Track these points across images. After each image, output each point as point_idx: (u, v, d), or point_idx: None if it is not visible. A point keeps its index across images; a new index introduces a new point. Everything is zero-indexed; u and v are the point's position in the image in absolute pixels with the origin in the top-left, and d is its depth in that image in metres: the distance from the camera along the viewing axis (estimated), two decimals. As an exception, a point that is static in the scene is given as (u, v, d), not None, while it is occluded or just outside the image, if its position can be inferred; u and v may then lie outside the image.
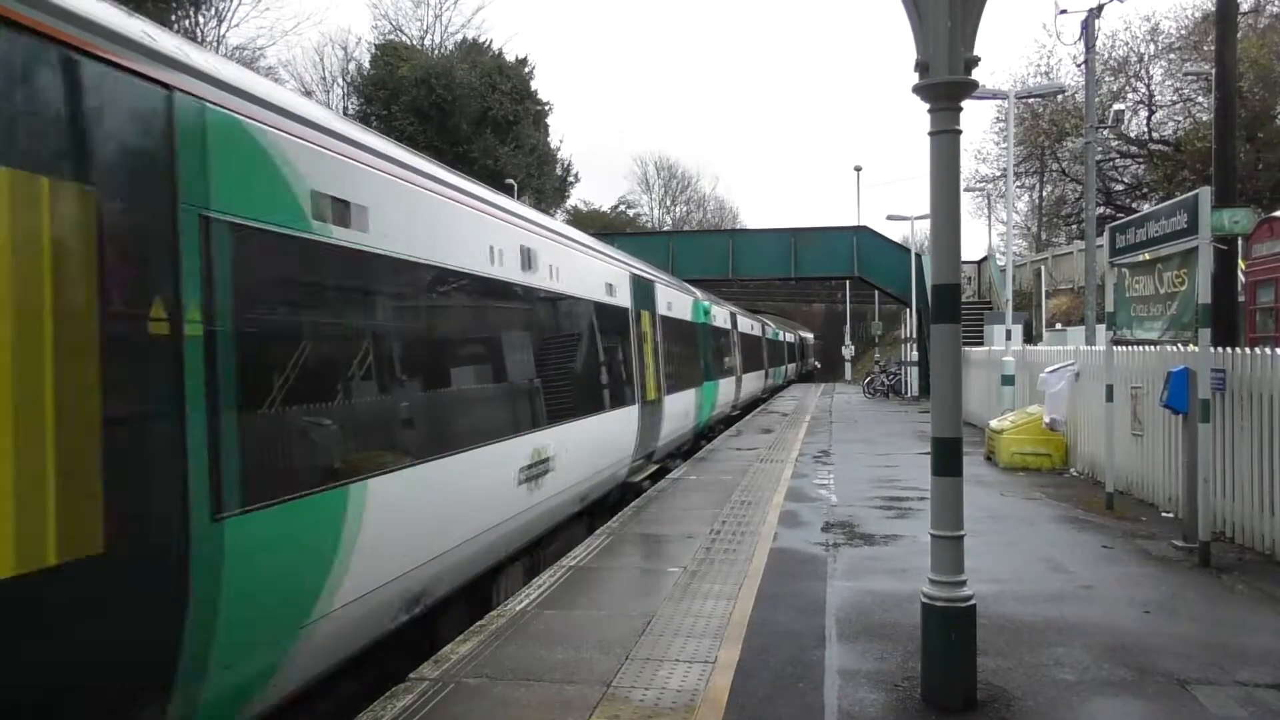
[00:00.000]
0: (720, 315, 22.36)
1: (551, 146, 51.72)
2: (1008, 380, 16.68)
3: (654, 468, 13.31)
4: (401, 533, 5.50)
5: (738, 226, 69.38)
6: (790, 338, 52.28)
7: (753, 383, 29.29)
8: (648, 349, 13.10)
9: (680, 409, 15.27)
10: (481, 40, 50.76)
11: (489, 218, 7.42)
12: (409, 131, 40.03)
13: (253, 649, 4.14)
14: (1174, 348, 8.96)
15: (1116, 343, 10.24)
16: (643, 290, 13.39)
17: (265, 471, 4.22)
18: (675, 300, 16.24)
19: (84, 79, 3.35)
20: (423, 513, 5.77)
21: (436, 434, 6.09)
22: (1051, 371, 13.25)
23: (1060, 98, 31.78)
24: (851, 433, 19.62)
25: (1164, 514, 9.49)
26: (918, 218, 32.82)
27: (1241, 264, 11.99)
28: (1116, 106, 30.79)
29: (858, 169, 56.85)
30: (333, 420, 4.89)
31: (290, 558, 4.43)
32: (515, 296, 7.92)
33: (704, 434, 19.48)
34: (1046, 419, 13.25)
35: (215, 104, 4.01)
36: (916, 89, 4.73)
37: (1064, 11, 22.15)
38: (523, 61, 49.02)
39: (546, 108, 50.47)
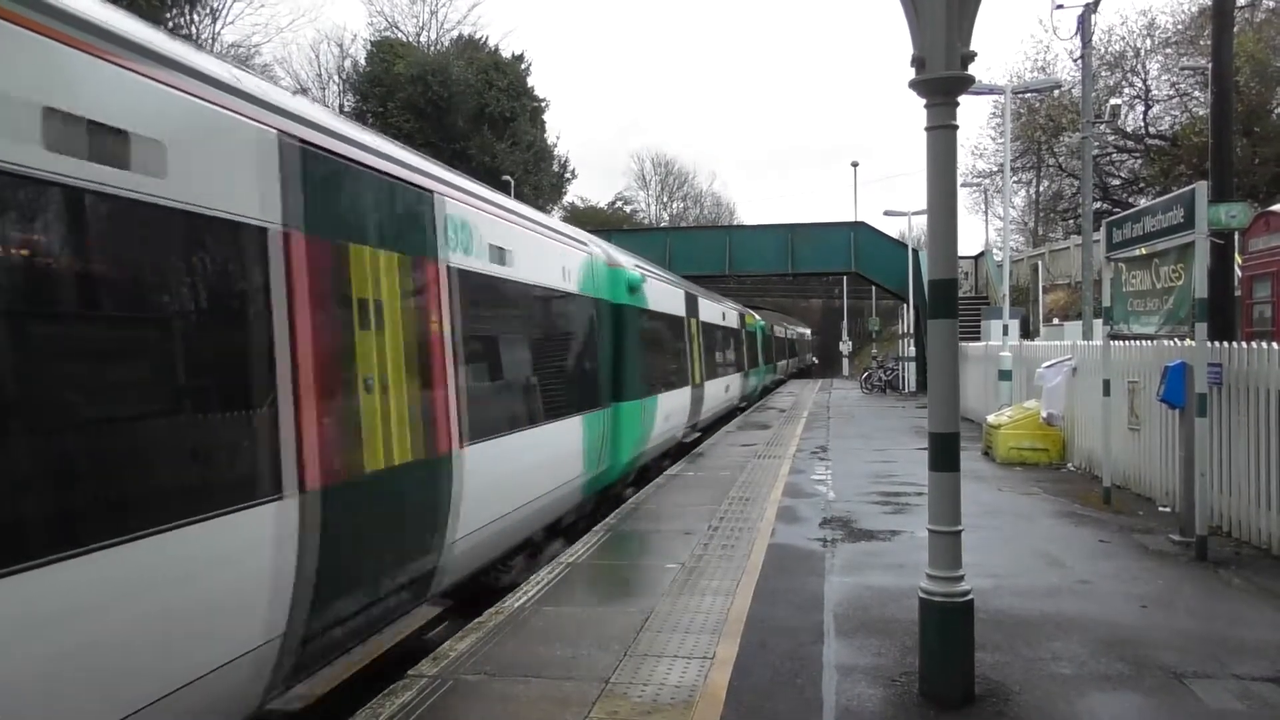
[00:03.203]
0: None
1: (548, 143, 51.63)
2: (1005, 375, 16.70)
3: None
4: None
5: (735, 223, 69.36)
6: (788, 334, 52.08)
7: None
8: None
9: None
10: (477, 37, 50.67)
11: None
12: (406, 129, 39.94)
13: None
14: (1171, 342, 8.97)
15: (1113, 337, 10.25)
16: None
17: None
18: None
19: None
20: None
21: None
22: (1048, 366, 13.26)
23: (1057, 93, 31.75)
24: (849, 428, 19.64)
25: (1161, 508, 9.51)
26: (915, 213, 32.79)
27: (1238, 258, 11.99)
28: (1113, 101, 30.70)
29: (854, 165, 56.74)
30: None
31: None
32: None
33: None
34: (1044, 414, 13.27)
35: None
36: (913, 84, 4.73)
37: (1060, 6, 21.92)
38: (519, 58, 48.92)
39: (543, 104, 50.36)
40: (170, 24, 32.47)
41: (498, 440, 7.05)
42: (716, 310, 22.08)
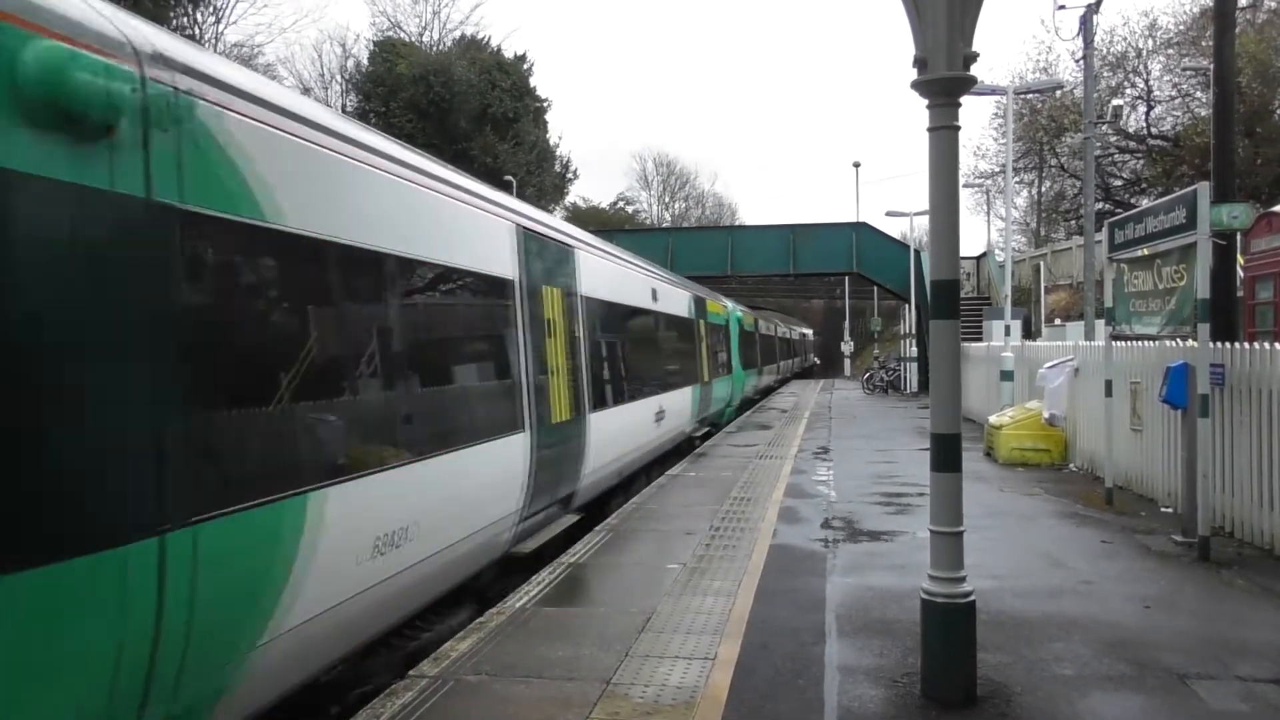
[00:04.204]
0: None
1: (551, 143, 51.65)
2: (1007, 376, 16.68)
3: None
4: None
5: (736, 223, 69.38)
6: (779, 331, 51.70)
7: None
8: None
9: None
10: (480, 37, 50.70)
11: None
12: (408, 129, 39.92)
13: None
14: (1173, 343, 8.96)
15: (1115, 338, 10.24)
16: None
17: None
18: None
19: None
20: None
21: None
22: (1050, 367, 13.25)
23: (1059, 93, 31.77)
24: (851, 429, 19.62)
25: (1163, 509, 9.50)
26: (917, 214, 32.80)
27: (1240, 259, 11.97)
28: (1115, 102, 30.72)
29: (856, 165, 56.97)
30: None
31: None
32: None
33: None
34: (1046, 414, 13.26)
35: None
36: (915, 85, 4.72)
37: (1062, 7, 21.92)
38: (521, 58, 48.93)
39: (545, 105, 50.40)
40: (174, 23, 32.49)
41: None
42: (636, 285, 13.27)
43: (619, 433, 10.97)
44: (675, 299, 16.53)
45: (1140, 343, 9.97)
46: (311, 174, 4.84)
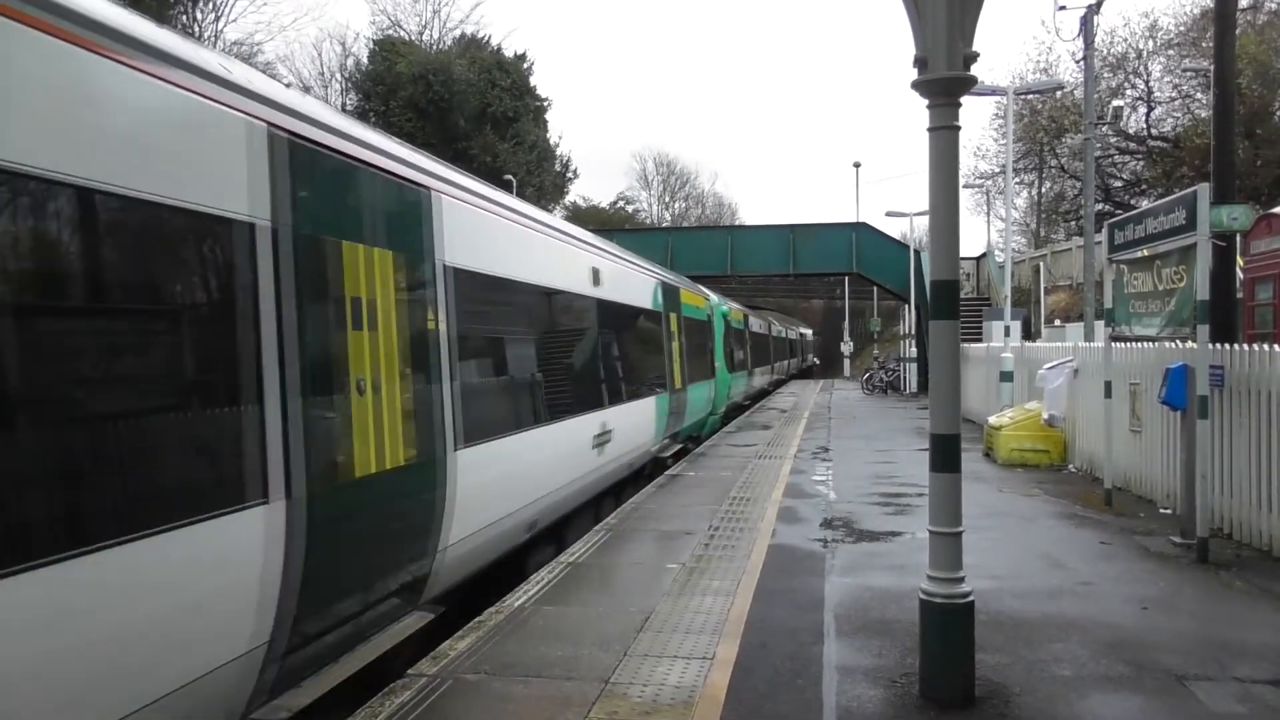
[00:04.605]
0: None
1: (551, 143, 51.60)
2: (1006, 377, 16.68)
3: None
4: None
5: (736, 223, 69.39)
6: (773, 330, 51.54)
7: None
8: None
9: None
10: (480, 36, 50.62)
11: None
12: (407, 128, 39.85)
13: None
14: (1172, 344, 8.97)
15: (1115, 339, 10.24)
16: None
17: None
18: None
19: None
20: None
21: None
22: (1050, 368, 13.26)
23: (1059, 94, 31.75)
24: (850, 429, 19.62)
25: (1162, 510, 9.50)
26: (917, 214, 32.80)
27: (1240, 261, 11.98)
28: (1115, 103, 30.75)
29: (857, 165, 57.03)
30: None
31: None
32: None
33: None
34: (1045, 415, 13.26)
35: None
36: (915, 85, 4.72)
37: (1063, 8, 21.94)
38: (521, 57, 48.87)
39: (545, 104, 50.33)
40: (175, 21, 32.49)
41: None
42: (563, 260, 9.54)
43: (521, 471, 7.72)
44: (632, 285, 12.97)
45: (1140, 344, 9.97)
46: None
